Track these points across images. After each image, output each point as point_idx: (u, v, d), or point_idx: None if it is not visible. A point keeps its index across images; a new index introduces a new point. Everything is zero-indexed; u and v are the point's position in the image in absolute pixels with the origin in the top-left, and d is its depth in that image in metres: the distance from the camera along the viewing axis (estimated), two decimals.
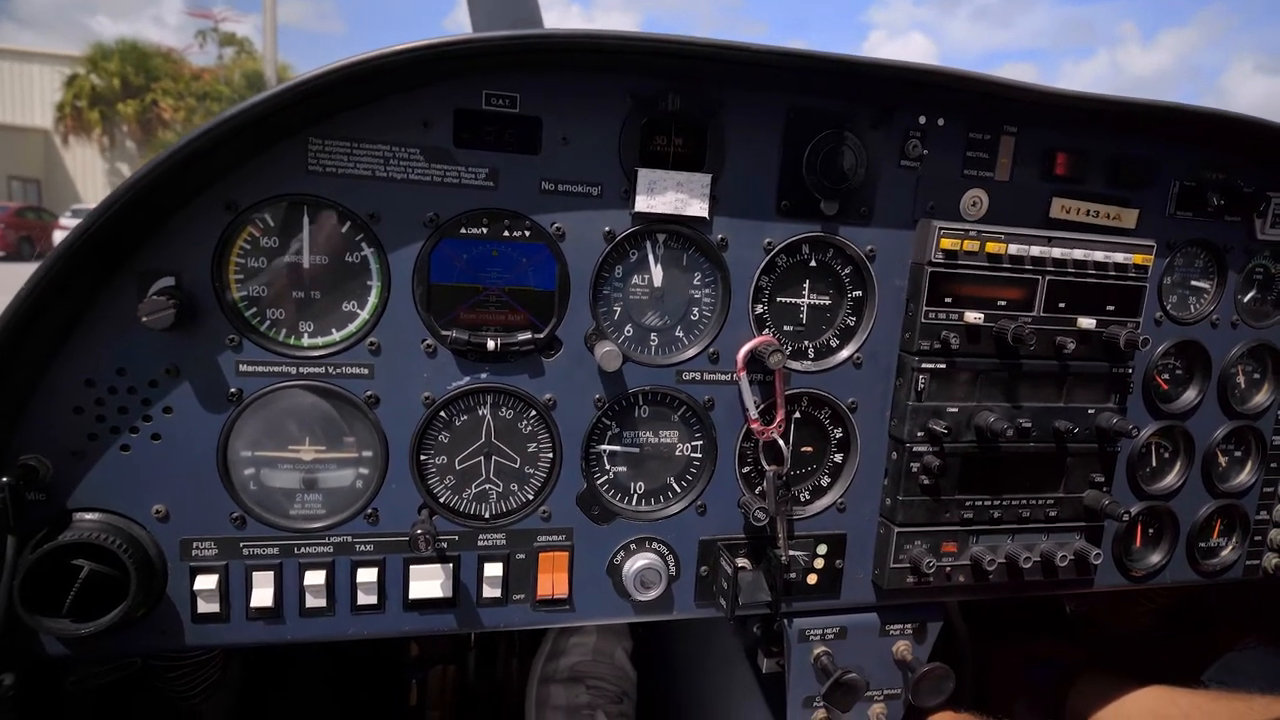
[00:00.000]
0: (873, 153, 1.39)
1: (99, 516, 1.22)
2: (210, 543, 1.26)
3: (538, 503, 1.39)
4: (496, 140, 1.26)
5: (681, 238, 1.37)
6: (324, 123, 1.19)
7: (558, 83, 1.26)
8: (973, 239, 1.42)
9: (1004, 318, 1.45)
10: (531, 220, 1.29)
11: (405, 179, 1.24)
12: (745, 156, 1.35)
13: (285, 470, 1.30)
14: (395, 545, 1.33)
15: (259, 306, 1.24)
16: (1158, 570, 1.76)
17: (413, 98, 1.22)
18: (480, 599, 1.38)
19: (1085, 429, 1.54)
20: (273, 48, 28.07)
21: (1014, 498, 1.54)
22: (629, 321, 1.39)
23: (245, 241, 1.22)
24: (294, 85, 1.09)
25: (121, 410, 1.20)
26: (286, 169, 1.20)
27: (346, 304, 1.27)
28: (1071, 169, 1.50)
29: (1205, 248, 1.66)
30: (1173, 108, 1.43)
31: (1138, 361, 1.61)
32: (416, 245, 1.26)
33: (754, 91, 1.34)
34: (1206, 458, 1.74)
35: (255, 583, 1.28)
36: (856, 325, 1.48)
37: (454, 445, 1.35)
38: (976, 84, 1.33)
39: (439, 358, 1.30)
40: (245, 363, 1.23)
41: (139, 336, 1.17)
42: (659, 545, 1.45)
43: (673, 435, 1.45)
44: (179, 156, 1.07)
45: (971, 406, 1.48)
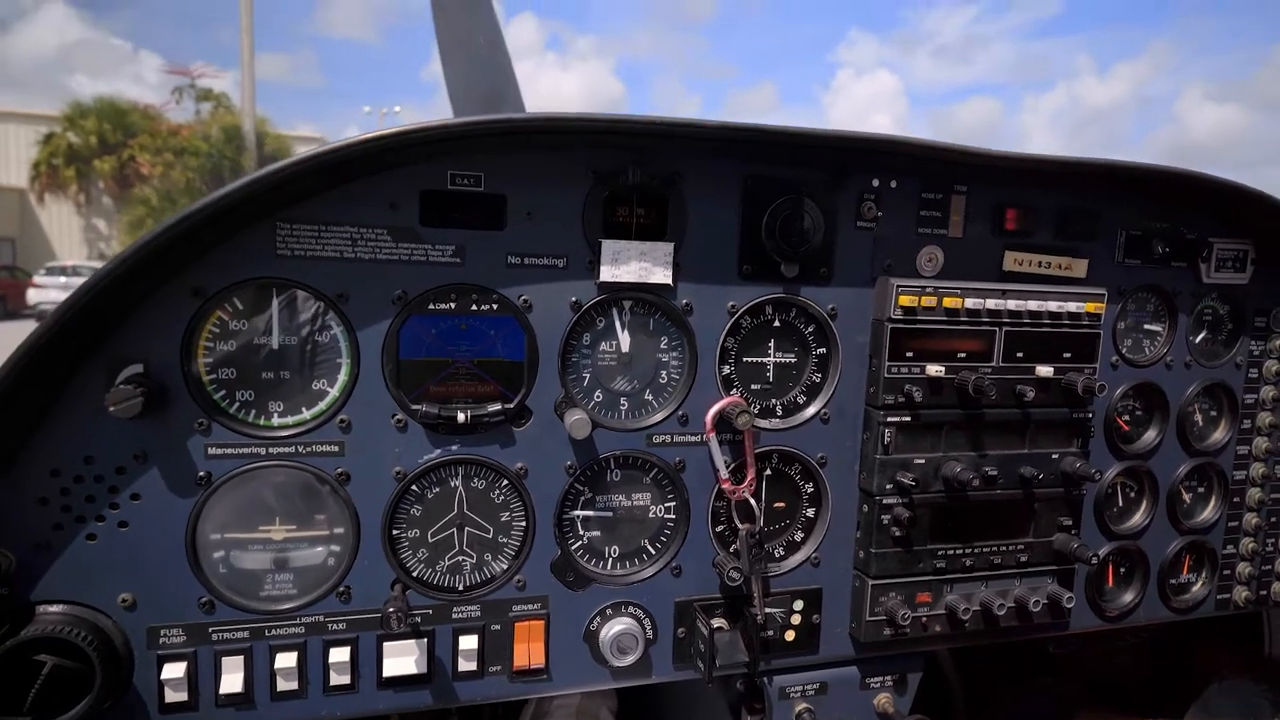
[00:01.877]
0: (829, 216, 1.43)
1: (63, 609, 1.20)
2: (178, 629, 1.25)
3: (512, 572, 1.39)
4: (462, 218, 1.29)
5: (647, 304, 1.41)
6: (292, 208, 1.22)
7: (521, 161, 1.30)
8: (930, 295, 1.46)
9: (964, 369, 1.48)
10: (499, 294, 1.32)
11: (373, 259, 1.26)
12: (706, 224, 1.40)
13: (255, 551, 1.29)
14: (368, 622, 1.32)
15: (228, 389, 1.24)
16: (1131, 609, 1.78)
17: (379, 181, 1.25)
18: (456, 673, 1.37)
19: (1050, 474, 1.57)
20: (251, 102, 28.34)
21: (985, 545, 1.56)
22: (598, 387, 1.41)
23: (214, 325, 1.23)
24: (262, 176, 1.11)
25: (88, 499, 1.19)
26: (255, 253, 1.22)
27: (316, 382, 1.28)
28: (1021, 223, 1.56)
29: (1155, 292, 1.72)
30: (1111, 165, 1.50)
31: (1098, 405, 1.65)
32: (385, 322, 1.28)
33: (711, 162, 1.38)
34: (1171, 495, 1.78)
35: (225, 668, 1.26)
36: (822, 382, 1.51)
37: (426, 518, 1.35)
38: (922, 150, 1.38)
39: (410, 432, 1.31)
40: (214, 445, 1.23)
41: (107, 424, 1.17)
42: (635, 609, 1.45)
43: (645, 498, 1.46)
44: (149, 248, 1.09)
45: (938, 457, 1.51)
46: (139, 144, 31.10)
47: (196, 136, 31.79)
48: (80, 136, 30.83)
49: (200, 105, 34.52)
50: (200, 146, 31.03)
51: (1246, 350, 1.80)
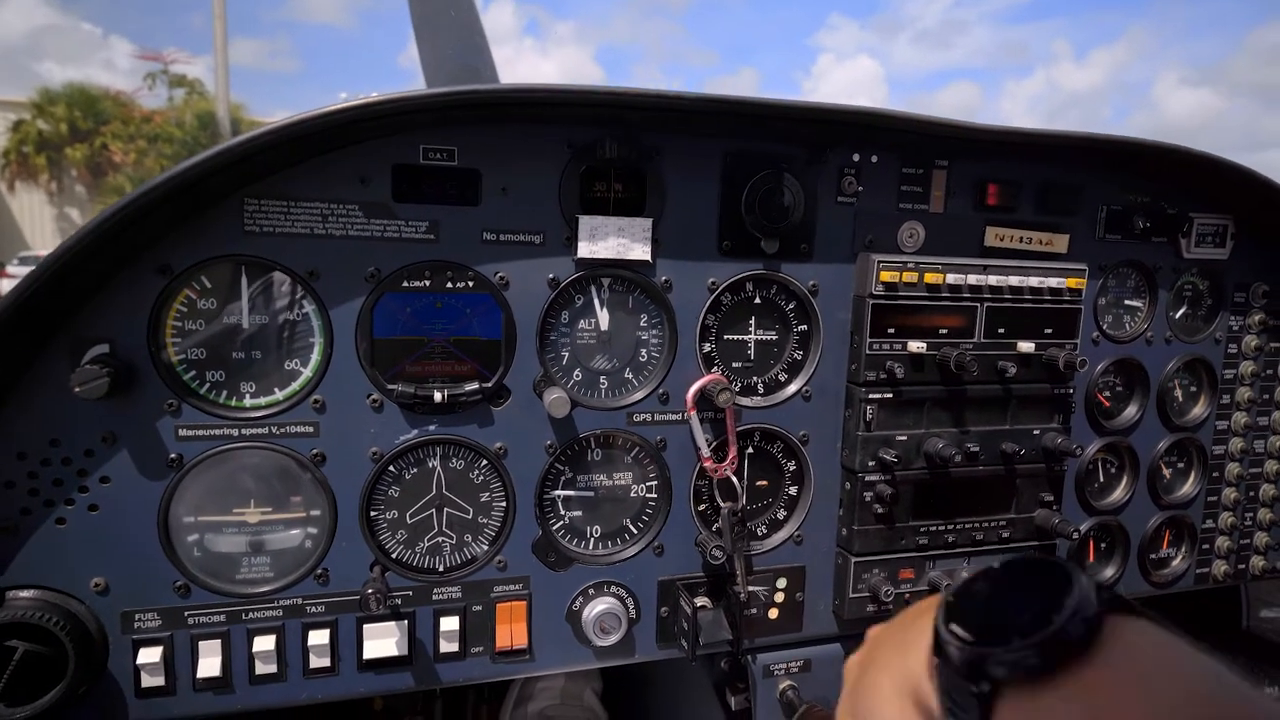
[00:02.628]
0: (809, 191, 1.42)
1: (34, 594, 1.17)
2: (153, 614, 1.23)
3: (493, 552, 1.37)
4: (436, 193, 1.26)
5: (626, 281, 1.39)
6: (259, 183, 1.19)
7: (496, 135, 1.28)
8: (911, 270, 1.45)
9: (946, 345, 1.48)
10: (474, 271, 1.30)
11: (344, 235, 1.23)
12: (685, 199, 1.38)
13: (230, 534, 1.27)
14: (347, 605, 1.30)
15: (198, 369, 1.21)
16: (1112, 584, 1.79)
17: (349, 155, 1.22)
18: (438, 654, 1.35)
19: (1032, 450, 1.58)
20: (225, 87, 27.83)
21: (967, 521, 1.57)
22: (577, 366, 1.39)
23: (182, 304, 1.20)
24: (227, 148, 1.08)
25: (56, 482, 1.16)
26: (222, 230, 1.19)
27: (289, 362, 1.25)
28: (1002, 199, 1.55)
29: (1136, 268, 1.72)
30: (1092, 138, 1.49)
31: (1079, 381, 1.65)
32: (358, 300, 1.25)
33: (691, 137, 1.36)
34: (1151, 471, 1.79)
35: (202, 652, 1.24)
36: (804, 359, 1.50)
37: (404, 499, 1.33)
38: (904, 123, 1.37)
39: (386, 412, 1.29)
40: (185, 427, 1.21)
41: (73, 406, 1.14)
42: (618, 589, 1.44)
43: (627, 477, 1.45)
44: (111, 223, 1.05)
45: (920, 434, 1.50)
46: (111, 131, 30.48)
47: (170, 123, 31.21)
48: (50, 124, 30.17)
49: (173, 91, 33.85)
50: (174, 133, 30.47)
51: (1226, 325, 1.81)
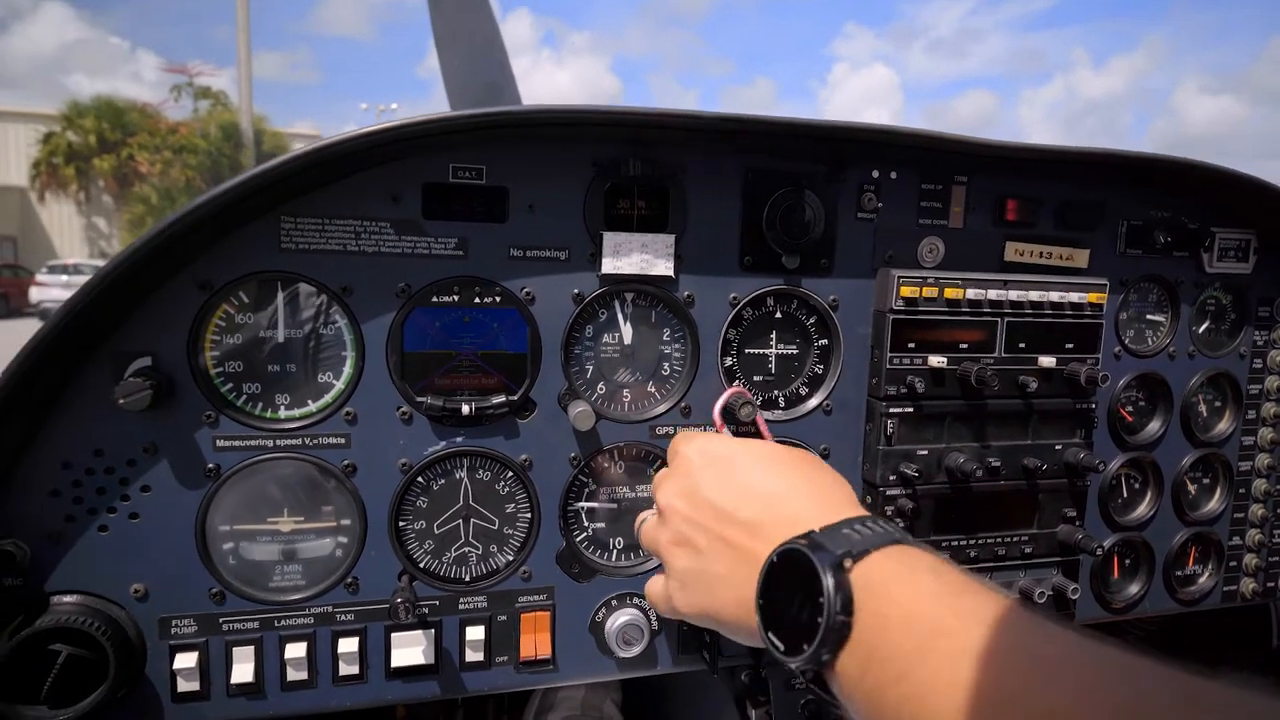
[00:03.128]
0: (830, 207, 1.44)
1: (77, 599, 1.21)
2: (190, 620, 1.26)
3: (518, 563, 1.40)
4: (464, 210, 1.30)
5: (649, 296, 1.41)
6: (295, 201, 1.23)
7: (523, 153, 1.31)
8: (931, 285, 1.46)
9: (966, 360, 1.49)
10: (501, 286, 1.33)
11: (376, 252, 1.27)
12: (707, 216, 1.40)
13: (264, 543, 1.30)
14: (376, 613, 1.33)
15: (235, 382, 1.25)
16: (1137, 601, 1.79)
17: (381, 174, 1.25)
18: (463, 663, 1.38)
19: (1054, 465, 1.58)
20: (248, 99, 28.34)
21: (989, 536, 1.57)
22: (601, 379, 1.41)
23: (220, 319, 1.24)
24: (266, 170, 1.12)
25: (99, 491, 1.20)
26: (259, 247, 1.22)
27: (322, 375, 1.29)
28: (1022, 214, 1.56)
29: (1158, 283, 1.72)
30: (1112, 155, 1.50)
31: (1101, 396, 1.65)
32: (389, 315, 1.28)
33: (712, 154, 1.39)
34: (1175, 487, 1.78)
35: (235, 658, 1.27)
36: (824, 373, 1.52)
37: (432, 510, 1.36)
38: (923, 140, 1.39)
39: (415, 424, 1.32)
40: (222, 438, 1.24)
41: (116, 417, 1.18)
42: (640, 600, 1.46)
43: (649, 489, 1.47)
44: (154, 242, 1.09)
45: (941, 448, 1.51)
46: (138, 142, 31.14)
47: (194, 134, 31.81)
48: (79, 135, 30.88)
49: (198, 103, 34.56)
50: (198, 144, 31.06)
51: (1250, 340, 1.80)
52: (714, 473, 0.94)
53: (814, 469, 0.95)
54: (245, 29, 26.37)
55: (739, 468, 0.93)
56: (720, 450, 0.98)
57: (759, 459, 0.95)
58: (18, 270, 26.29)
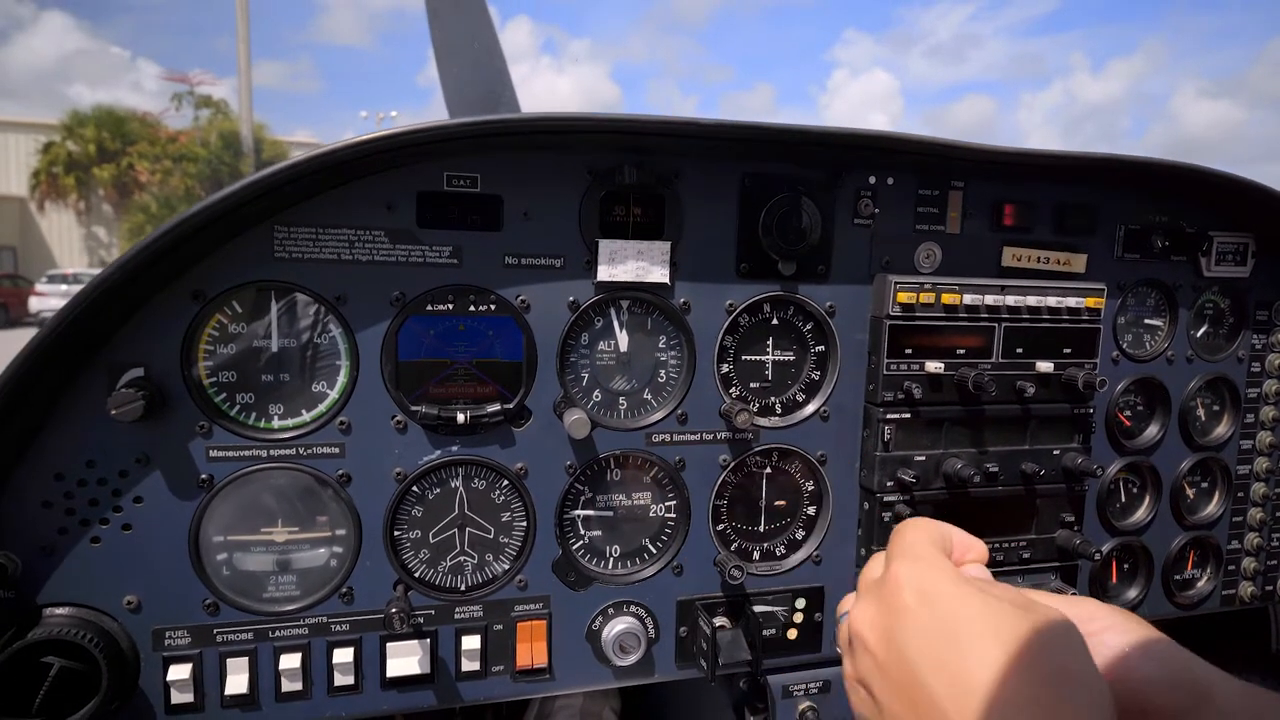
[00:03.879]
0: (826, 213, 1.43)
1: (69, 611, 1.20)
2: (183, 631, 1.25)
3: (513, 572, 1.39)
4: (459, 219, 1.30)
5: (645, 303, 1.41)
6: (288, 210, 1.22)
7: (517, 161, 1.31)
8: (928, 291, 1.46)
9: (964, 366, 1.48)
10: (496, 294, 1.32)
11: (370, 260, 1.26)
12: (703, 223, 1.40)
13: (258, 553, 1.29)
14: (371, 623, 1.32)
15: (229, 392, 1.25)
16: (1135, 605, 1.78)
17: (375, 182, 1.25)
18: (459, 673, 1.37)
19: (1051, 470, 1.57)
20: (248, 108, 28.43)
21: (987, 541, 1.56)
22: (597, 387, 1.41)
23: (213, 329, 1.23)
24: (259, 179, 1.12)
25: (92, 502, 1.20)
26: (253, 257, 1.22)
27: (316, 384, 1.28)
28: (1019, 219, 1.56)
29: (1155, 287, 1.72)
30: (1108, 159, 1.50)
31: (1099, 400, 1.64)
32: (384, 324, 1.28)
33: (708, 161, 1.39)
34: (1174, 491, 1.77)
35: (230, 669, 1.26)
36: (821, 379, 1.51)
37: (427, 519, 1.35)
38: (919, 146, 1.38)
39: (410, 433, 1.31)
40: (215, 448, 1.24)
41: (109, 428, 1.18)
42: (637, 608, 1.45)
43: (645, 497, 1.46)
44: (150, 251, 1.09)
45: (938, 454, 1.51)
46: (137, 151, 31.19)
47: (194, 143, 31.85)
48: (79, 145, 30.93)
49: (198, 112, 34.62)
50: (198, 153, 31.10)
51: (1248, 344, 1.80)
52: (926, 625, 0.65)
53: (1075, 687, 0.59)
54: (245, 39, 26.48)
55: (965, 636, 0.62)
56: (947, 597, 0.66)
57: (1000, 636, 0.61)
58: (17, 280, 26.30)
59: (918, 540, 0.74)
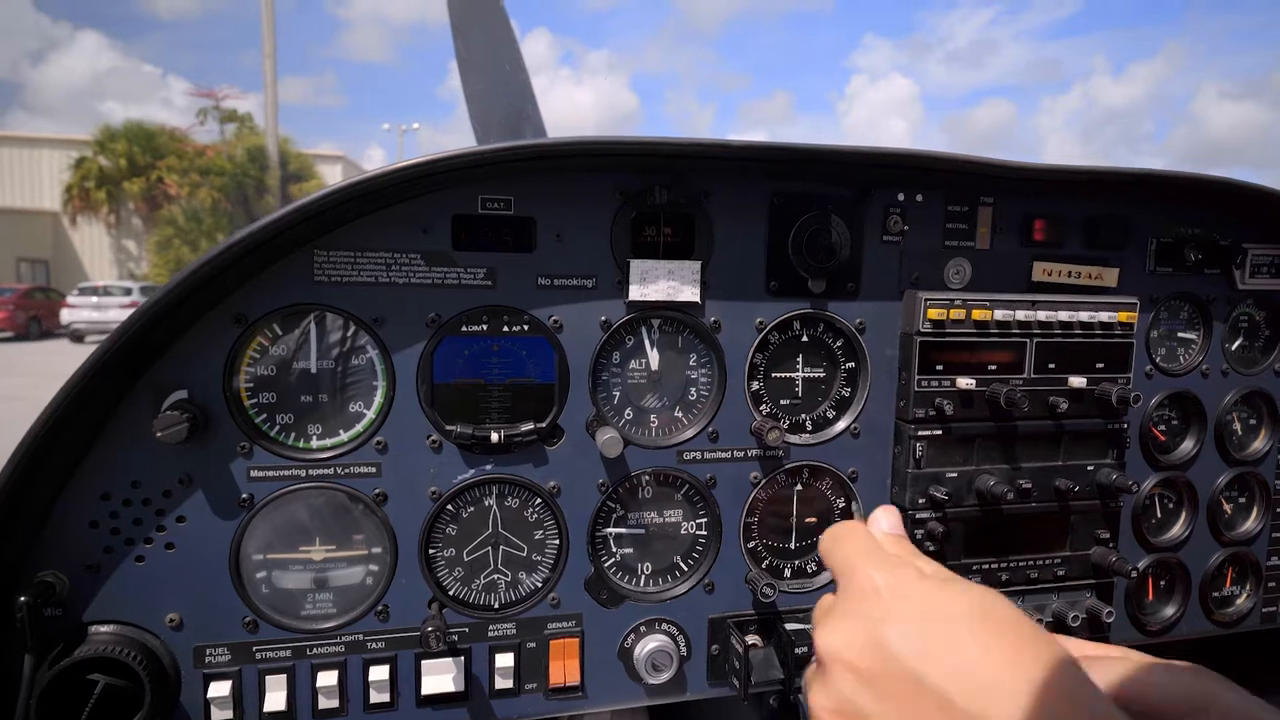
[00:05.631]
0: (855, 231, 1.44)
1: (114, 629, 1.23)
2: (223, 648, 1.27)
3: (546, 590, 1.40)
4: (493, 241, 1.31)
5: (676, 322, 1.42)
6: (328, 235, 1.25)
7: (550, 184, 1.33)
8: (958, 307, 1.45)
9: (995, 381, 1.47)
10: (529, 314, 1.34)
11: (407, 283, 1.29)
12: (733, 242, 1.41)
13: (296, 571, 1.31)
14: (406, 641, 1.34)
15: (269, 413, 1.27)
16: (1173, 623, 1.75)
17: (412, 206, 1.28)
18: (493, 690, 1.38)
19: (1086, 486, 1.55)
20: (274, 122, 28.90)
21: (1021, 559, 1.55)
22: (629, 405, 1.42)
23: (254, 351, 1.26)
24: (301, 206, 1.14)
25: (136, 522, 1.23)
26: (293, 281, 1.25)
27: (353, 405, 1.30)
28: (1049, 234, 1.55)
29: (1189, 300, 1.70)
30: (1141, 174, 1.49)
31: (1133, 415, 1.63)
32: (420, 345, 1.30)
33: (737, 180, 1.39)
34: (1211, 506, 1.75)
35: (268, 686, 1.29)
36: (852, 396, 1.51)
37: (462, 537, 1.36)
38: (948, 164, 1.38)
39: (444, 452, 1.33)
40: (256, 468, 1.26)
41: (153, 449, 1.21)
42: (669, 626, 1.45)
43: (677, 514, 1.47)
44: (196, 277, 1.12)
45: (971, 470, 1.50)
46: (166, 165, 31.79)
47: (221, 157, 32.41)
48: (110, 160, 31.61)
49: (225, 126, 35.24)
50: (225, 166, 31.62)
51: None
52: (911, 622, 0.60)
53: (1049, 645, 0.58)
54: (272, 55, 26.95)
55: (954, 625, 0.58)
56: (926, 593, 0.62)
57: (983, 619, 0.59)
58: (49, 293, 26.89)
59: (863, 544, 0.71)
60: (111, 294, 24.54)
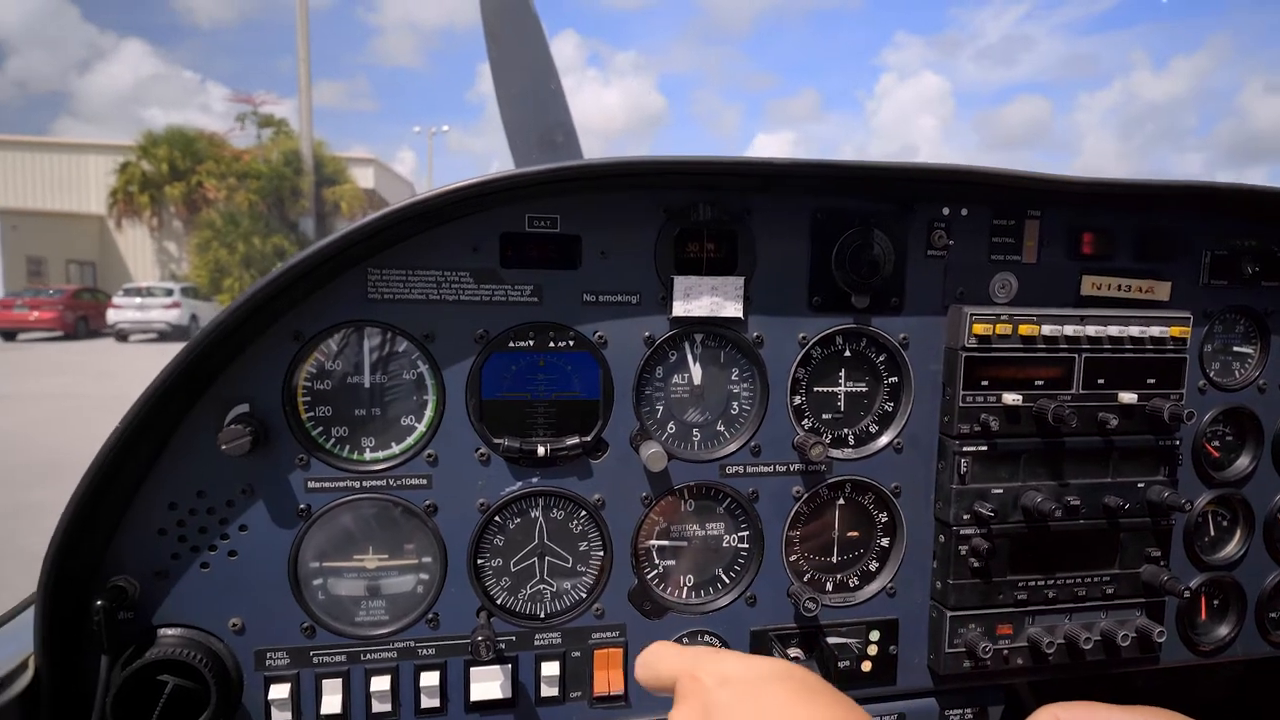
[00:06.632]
0: (899, 245, 1.43)
1: (181, 632, 1.28)
2: (283, 652, 1.32)
3: (590, 600, 1.42)
4: (540, 258, 1.34)
5: (719, 337, 1.43)
6: (381, 254, 1.28)
7: (595, 201, 1.35)
8: (1005, 322, 1.44)
9: (1043, 397, 1.46)
10: (575, 330, 1.36)
11: (456, 300, 1.32)
12: (776, 257, 1.41)
13: (350, 579, 1.35)
14: (456, 648, 1.37)
15: (325, 426, 1.31)
16: (1227, 644, 1.71)
17: (461, 226, 1.31)
18: (539, 698, 1.40)
19: (1136, 504, 1.53)
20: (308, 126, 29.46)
21: (1068, 576, 1.53)
22: (671, 419, 1.43)
23: (311, 366, 1.30)
24: (357, 229, 1.18)
25: (201, 530, 1.27)
26: (348, 298, 1.29)
27: (405, 419, 1.34)
28: (1098, 247, 1.53)
29: (1245, 314, 1.66)
30: (1193, 187, 1.46)
31: (1185, 431, 1.60)
32: (468, 360, 1.33)
33: (780, 196, 1.40)
34: (1268, 524, 1.70)
35: (325, 690, 1.33)
36: (895, 411, 1.51)
37: (509, 548, 1.39)
38: (991, 178, 1.37)
39: (492, 465, 1.36)
40: (313, 480, 1.30)
41: (217, 460, 1.25)
42: (711, 638, 1.46)
43: (719, 528, 1.48)
44: (254, 300, 1.16)
45: (1017, 487, 1.48)
46: (205, 170, 32.58)
47: (258, 160, 33.10)
48: (153, 164, 32.50)
49: (262, 131, 36.01)
50: (261, 170, 32.30)
51: None
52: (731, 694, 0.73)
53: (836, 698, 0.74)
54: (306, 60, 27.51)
55: (759, 689, 0.73)
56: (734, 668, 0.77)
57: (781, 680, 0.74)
58: (96, 294, 27.76)
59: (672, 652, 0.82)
60: (154, 295, 25.26)
